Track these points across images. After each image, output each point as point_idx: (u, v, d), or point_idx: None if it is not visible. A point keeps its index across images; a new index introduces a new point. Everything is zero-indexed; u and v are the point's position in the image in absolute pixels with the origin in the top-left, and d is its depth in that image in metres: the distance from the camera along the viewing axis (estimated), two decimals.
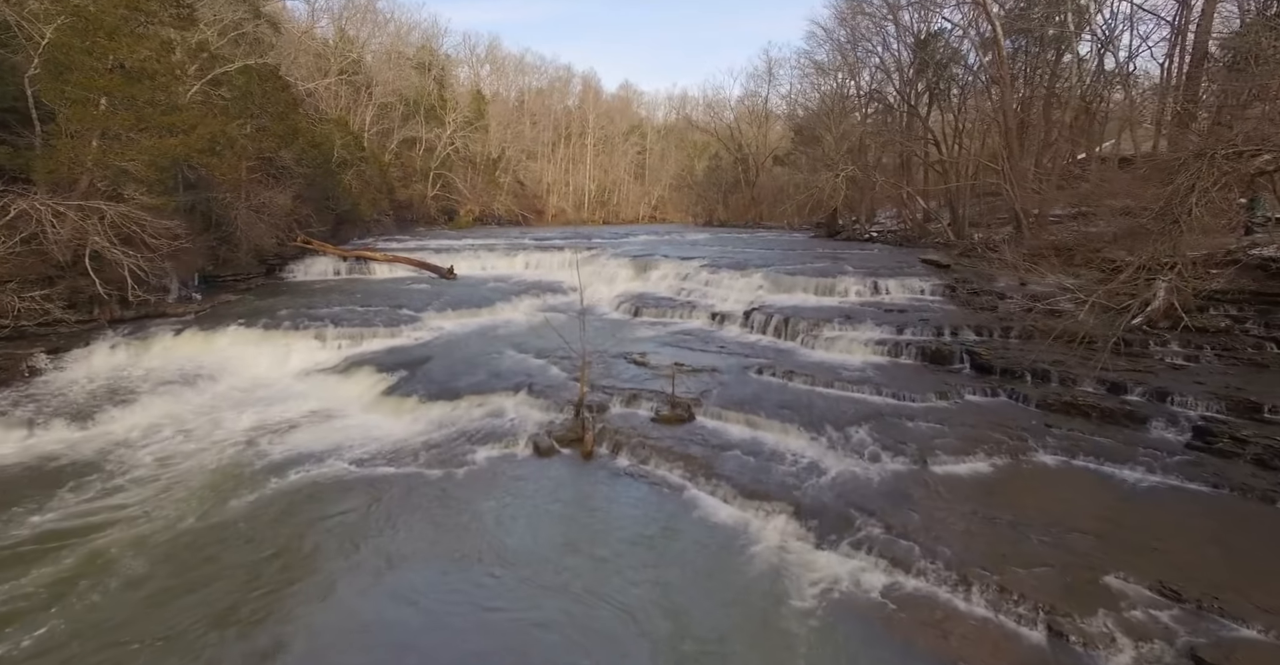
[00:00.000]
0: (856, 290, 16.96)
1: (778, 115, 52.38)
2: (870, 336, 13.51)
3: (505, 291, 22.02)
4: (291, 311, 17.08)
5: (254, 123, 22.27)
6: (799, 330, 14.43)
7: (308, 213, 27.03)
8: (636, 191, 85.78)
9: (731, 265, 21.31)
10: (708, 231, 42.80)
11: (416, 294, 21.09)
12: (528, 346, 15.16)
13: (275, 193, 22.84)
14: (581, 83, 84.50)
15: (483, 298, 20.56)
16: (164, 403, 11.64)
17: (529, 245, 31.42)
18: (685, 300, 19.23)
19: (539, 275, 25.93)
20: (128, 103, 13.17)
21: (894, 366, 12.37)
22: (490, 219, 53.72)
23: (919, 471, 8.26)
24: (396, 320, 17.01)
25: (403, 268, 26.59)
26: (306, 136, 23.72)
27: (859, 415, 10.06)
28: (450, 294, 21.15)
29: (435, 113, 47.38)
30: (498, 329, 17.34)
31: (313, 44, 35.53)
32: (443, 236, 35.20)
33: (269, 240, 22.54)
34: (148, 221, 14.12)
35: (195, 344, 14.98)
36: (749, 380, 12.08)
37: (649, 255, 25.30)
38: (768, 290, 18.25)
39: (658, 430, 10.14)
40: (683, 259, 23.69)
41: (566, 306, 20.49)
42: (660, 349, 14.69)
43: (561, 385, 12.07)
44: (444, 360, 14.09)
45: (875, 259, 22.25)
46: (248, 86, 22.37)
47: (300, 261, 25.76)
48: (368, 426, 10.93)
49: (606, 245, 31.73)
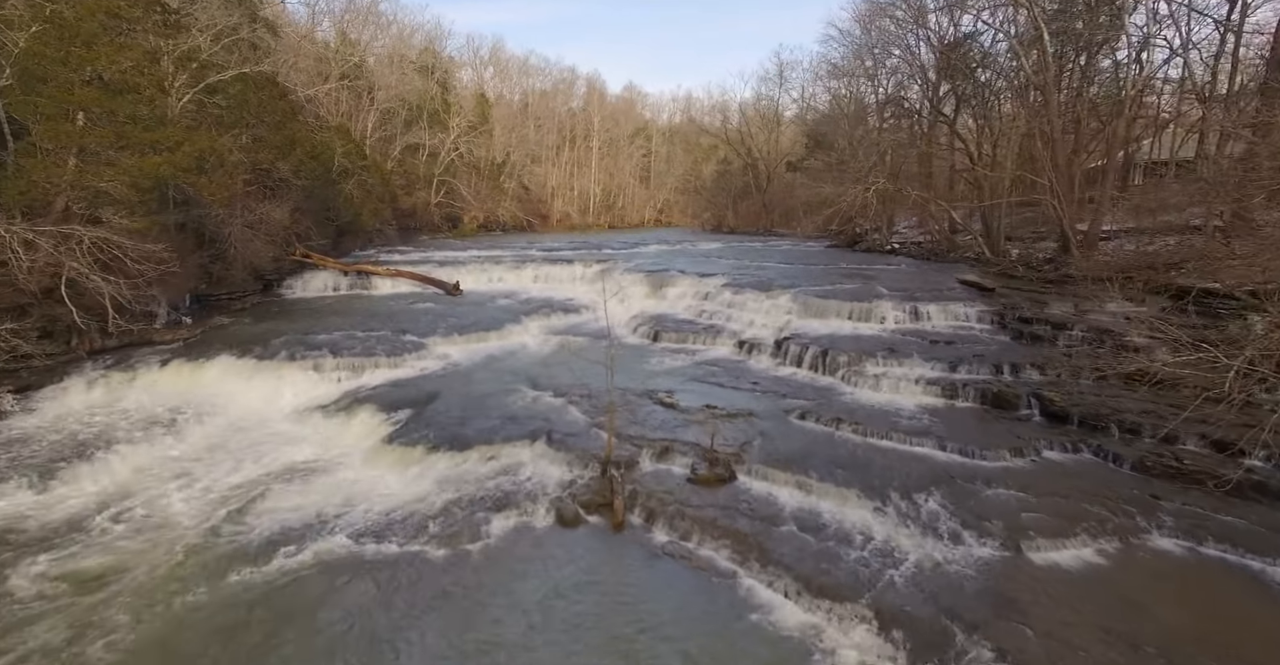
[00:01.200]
0: (895, 316, 15.72)
1: (790, 119, 51.13)
2: (920, 374, 12.29)
3: (514, 311, 20.83)
4: (286, 338, 15.91)
5: (249, 133, 21.12)
6: (839, 365, 13.21)
7: (307, 225, 25.87)
8: (642, 195, 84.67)
9: (755, 284, 20.09)
10: (719, 240, 41.55)
11: (421, 314, 19.93)
12: (542, 380, 13.96)
13: (272, 206, 21.68)
14: (586, 84, 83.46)
15: (491, 319, 19.37)
16: (140, 453, 10.45)
17: (537, 257, 30.24)
18: (708, 324, 18.01)
19: (549, 291, 24.75)
20: (107, 118, 12.02)
21: (951, 411, 11.14)
22: (495, 225, 52.57)
23: (1013, 560, 7.04)
24: (399, 348, 15.82)
25: (406, 283, 25.42)
26: (305, 146, 22.57)
27: (925, 477, 8.84)
28: (456, 314, 19.98)
29: (439, 117, 46.26)
30: (508, 357, 16.14)
31: (313, 48, 34.41)
32: (447, 247, 34.06)
33: (265, 256, 21.39)
34: (130, 246, 12.96)
35: (181, 378, 13.80)
36: (791, 428, 10.86)
37: (664, 271, 24.11)
38: (797, 315, 17.03)
39: (697, 494, 8.93)
40: (701, 276, 22.48)
41: (581, 329, 19.29)
42: (686, 385, 13.48)
43: (583, 433, 10.86)
44: (451, 398, 12.90)
45: (906, 277, 21.00)
46: (243, 95, 21.23)
47: (298, 276, 24.61)
48: (368, 484, 9.74)
49: (617, 257, 30.54)
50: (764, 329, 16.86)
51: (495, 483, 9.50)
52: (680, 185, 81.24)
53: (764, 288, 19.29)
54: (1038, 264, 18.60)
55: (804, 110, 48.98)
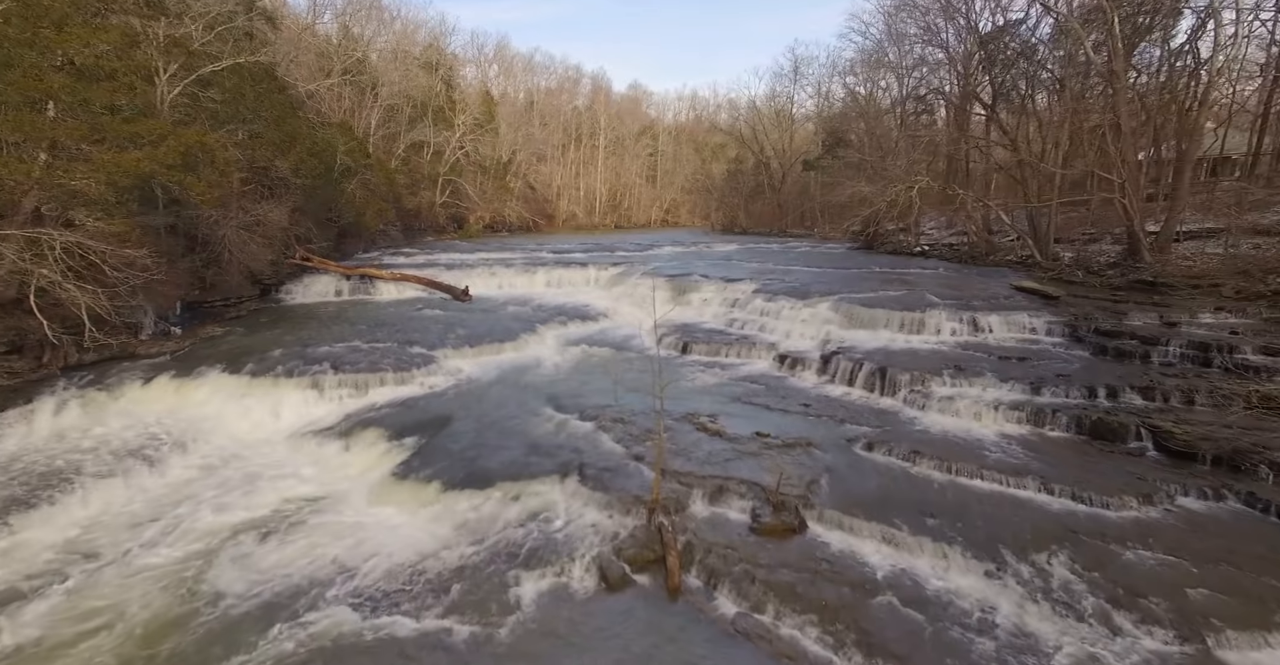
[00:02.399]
0: (951, 328, 14.28)
1: (804, 117, 49.68)
2: (998, 397, 10.84)
3: (528, 318, 19.46)
4: (284, 350, 14.55)
5: (246, 128, 19.77)
6: (900, 384, 11.78)
7: (307, 226, 24.54)
8: (648, 195, 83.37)
9: (788, 291, 18.67)
10: (733, 241, 40.15)
11: (428, 322, 18.56)
12: (566, 400, 12.57)
13: (270, 207, 20.32)
14: (591, 83, 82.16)
15: (504, 328, 18.00)
16: (109, 491, 9.08)
17: (548, 259, 28.89)
18: (741, 334, 16.59)
19: (563, 296, 23.37)
20: (81, 108, 10.65)
21: (1044, 443, 9.71)
22: (501, 226, 51.25)
23: (1201, 661, 5.57)
24: (407, 361, 14.44)
25: (412, 287, 24.06)
26: (305, 143, 21.21)
27: (1040, 531, 7.41)
28: (467, 322, 18.61)
29: (444, 114, 44.92)
30: (526, 372, 14.75)
31: (314, 42, 33.07)
32: (453, 249, 32.70)
33: (263, 260, 20.03)
34: (108, 251, 11.59)
35: (165, 397, 12.43)
36: (860, 463, 9.44)
37: (686, 275, 22.71)
38: (839, 325, 15.60)
39: (764, 548, 7.52)
40: (726, 281, 21.08)
41: (602, 339, 17.91)
42: (728, 407, 12.07)
43: (620, 466, 9.46)
44: (466, 421, 11.52)
45: (951, 283, 19.54)
46: (239, 88, 19.88)
47: (299, 281, 23.26)
48: (373, 531, 8.35)
49: (632, 260, 29.16)
50: (804, 341, 15.45)
51: (523, 531, 8.10)
52: (688, 185, 79.94)
53: (799, 295, 17.87)
54: (1100, 268, 17.14)
55: (820, 107, 47.55)
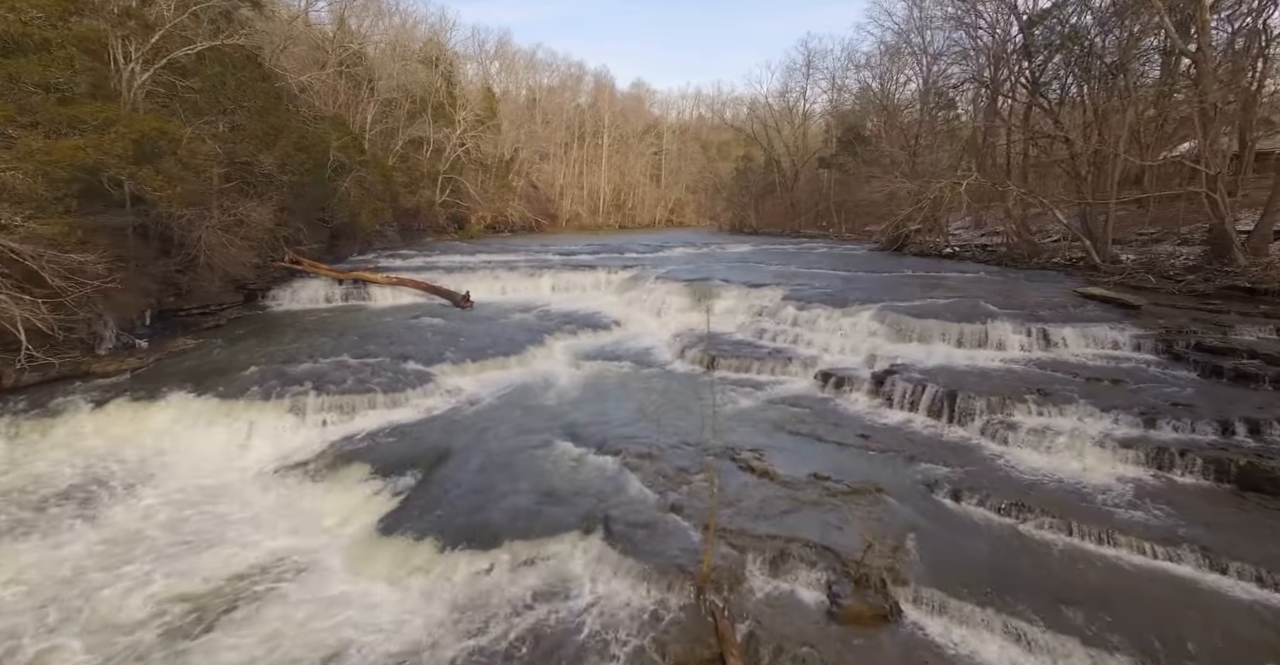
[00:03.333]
0: (1020, 342, 12.54)
1: (820, 112, 47.92)
2: (1103, 430, 9.09)
3: (534, 327, 17.77)
4: (262, 367, 12.85)
5: (227, 120, 18.09)
6: (974, 411, 10.04)
7: (296, 227, 22.88)
8: (653, 194, 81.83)
9: (821, 297, 16.94)
10: (746, 242, 38.45)
11: (426, 332, 16.88)
12: (582, 427, 10.86)
13: (254, 206, 18.64)
14: (594, 80, 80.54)
15: (509, 339, 16.30)
16: (16, 557, 7.38)
17: (554, 262, 27.20)
18: (773, 347, 14.87)
19: (571, 302, 21.67)
20: (5, 84, 8.93)
21: (1178, 494, 7.95)
22: (503, 226, 49.62)
23: None
24: (400, 379, 12.75)
25: (409, 292, 22.38)
26: (293, 137, 19.52)
27: (1236, 636, 5.67)
28: (468, 332, 16.92)
29: (444, 111, 43.23)
30: (535, 392, 13.04)
31: (307, 32, 31.39)
32: (453, 250, 31.00)
33: (246, 263, 18.36)
34: (46, 256, 9.90)
35: (117, 424, 10.74)
36: (949, 517, 7.72)
37: (705, 279, 20.98)
38: (886, 337, 13.88)
39: (850, 645, 5.81)
40: (750, 286, 19.36)
41: (617, 351, 16.20)
42: (772, 438, 10.35)
43: (653, 520, 7.75)
44: (467, 454, 9.82)
45: (1002, 289, 17.78)
46: (221, 76, 18.22)
47: (287, 285, 21.58)
48: (353, 611, 6.65)
49: (643, 262, 27.46)
50: (846, 355, 13.73)
51: (538, 615, 6.39)
52: (693, 184, 78.33)
53: (835, 302, 16.14)
54: (1176, 273, 15.39)
55: (835, 102, 45.77)
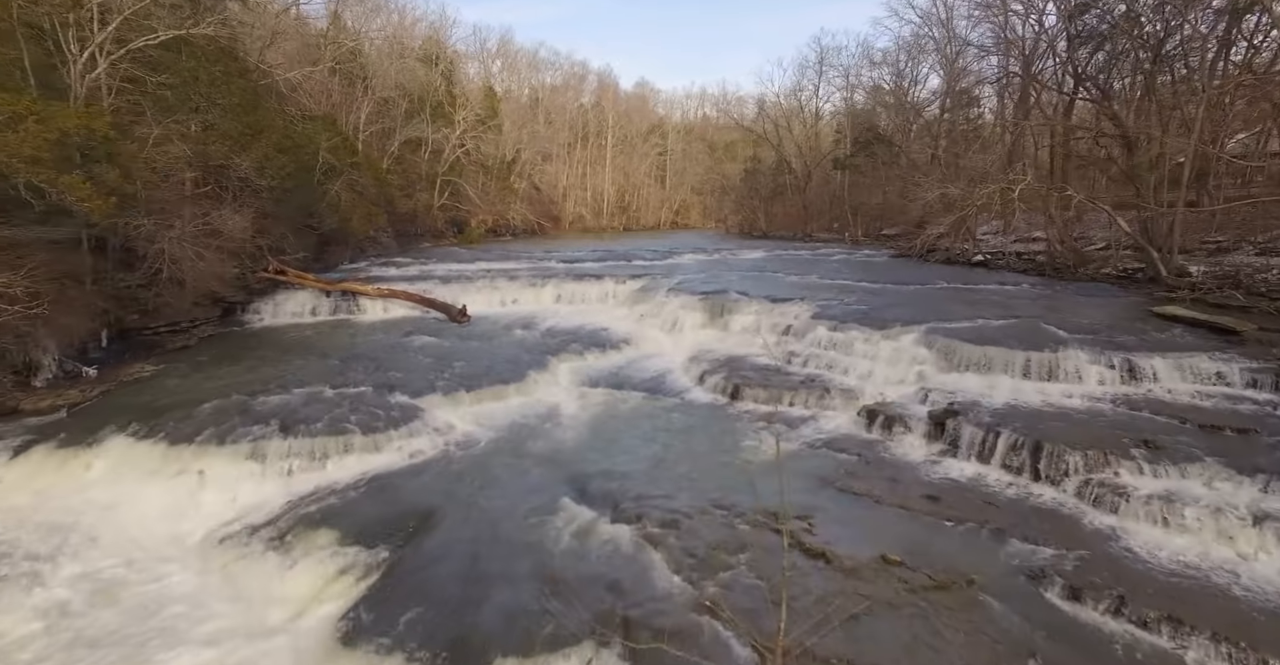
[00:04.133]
0: (1099, 374, 10.82)
1: (833, 111, 46.17)
2: (1253, 502, 7.26)
3: (536, 347, 16.14)
4: (223, 401, 11.20)
5: (199, 119, 16.48)
6: (1067, 467, 8.35)
7: (281, 234, 21.28)
8: (658, 196, 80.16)
9: (854, 315, 15.23)
10: (757, 247, 36.76)
11: (416, 353, 15.25)
12: (591, 480, 9.21)
13: (230, 213, 17.03)
14: (597, 80, 78.85)
15: (507, 361, 14.68)
16: None
17: (557, 270, 25.51)
18: (805, 374, 13.19)
19: (577, 316, 20.00)
20: None
21: None
22: (504, 229, 47.99)
23: None
24: (383, 415, 11.12)
25: (401, 304, 20.76)
26: (274, 137, 17.91)
27: None
28: (463, 353, 15.30)
29: (443, 110, 41.63)
30: (536, 430, 11.39)
31: (297, 27, 29.79)
32: (451, 257, 29.31)
33: (221, 275, 16.74)
34: None
35: (39, 477, 9.12)
36: (1072, 632, 6.03)
37: (721, 292, 19.29)
38: (937, 365, 12.21)
39: None
40: (773, 300, 17.67)
41: (626, 376, 14.56)
42: (817, 496, 8.67)
43: (685, 627, 6.09)
44: (455, 519, 8.20)
45: (1056, 305, 16.02)
46: (194, 71, 16.62)
47: (269, 298, 19.97)
48: None
49: (652, 271, 25.76)
50: (892, 386, 12.05)
51: None
52: (699, 185, 76.69)
53: (872, 321, 14.44)
54: (1272, 289, 13.63)
55: (849, 101, 44.03)
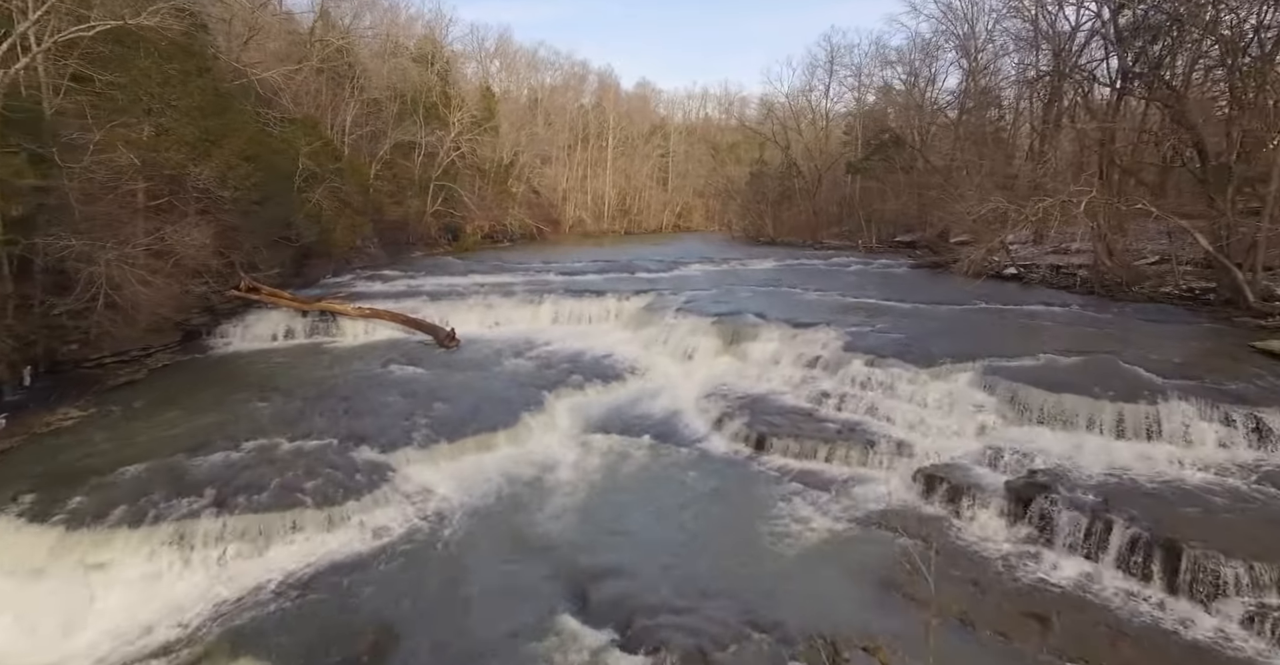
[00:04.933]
0: (1216, 435, 8.88)
1: (845, 113, 44.28)
2: None
3: (531, 379, 14.32)
4: (151, 463, 9.35)
5: (151, 122, 14.65)
6: (1224, 585, 6.45)
7: (254, 247, 19.43)
8: (659, 199, 78.31)
9: (893, 346, 13.32)
10: (768, 255, 34.83)
11: (394, 388, 13.43)
12: (599, 584, 7.37)
13: (189, 228, 15.19)
14: (598, 80, 76.98)
15: (498, 398, 12.86)
16: None
17: (555, 285, 23.66)
18: (840, 420, 11.31)
19: (576, 339, 18.15)
20: None
21: None
22: (501, 235, 46.12)
23: None
24: (342, 478, 9.30)
25: (384, 325, 18.92)
26: (238, 143, 16.07)
27: None
28: (447, 388, 13.48)
29: (437, 112, 39.75)
30: (528, 499, 9.53)
31: (280, 24, 27.97)
32: (443, 269, 27.42)
33: (175, 298, 14.90)
34: None
35: None
36: None
37: (736, 314, 17.40)
38: (1001, 414, 10.35)
39: None
40: (795, 325, 15.77)
41: (633, 417, 12.75)
42: (881, 611, 6.81)
43: None
44: (421, 640, 6.35)
45: (1125, 336, 14.00)
46: (146, 69, 14.80)
47: (240, 319, 18.17)
48: None
49: (658, 283, 23.92)
50: (949, 439, 10.18)
51: None
52: (702, 188, 74.86)
53: (915, 355, 12.55)
54: None
55: (861, 101, 42.14)
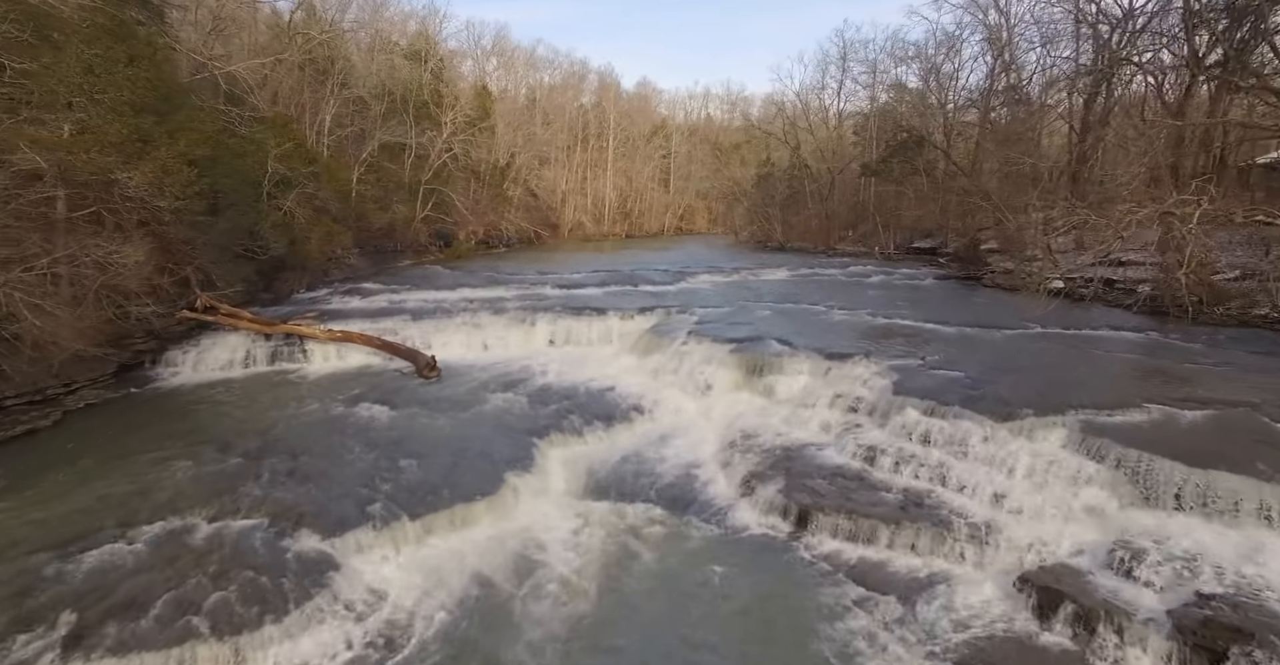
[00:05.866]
0: None
1: (855, 112, 42.03)
2: None
3: (521, 422, 12.14)
4: (5, 565, 7.12)
5: (71, 118, 12.42)
6: None
7: (211, 261, 17.23)
8: (662, 201, 76.13)
9: (952, 388, 11.05)
10: (780, 264, 32.61)
11: (357, 437, 11.21)
12: None
13: (118, 243, 13.00)
14: (598, 79, 74.69)
15: (480, 449, 10.66)
16: None
17: (552, 298, 21.49)
18: (899, 487, 9.07)
19: (574, 368, 15.94)
20: None
21: None
22: (497, 241, 43.92)
23: None
24: (267, 583, 7.11)
25: (357, 350, 16.74)
26: (179, 144, 13.83)
27: None
28: (419, 436, 11.27)
29: (428, 111, 37.53)
30: (510, 608, 7.31)
31: (259, 15, 25.74)
32: (430, 281, 25.17)
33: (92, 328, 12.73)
34: None
35: None
36: None
37: (757, 340, 15.14)
38: (1115, 490, 8.14)
39: None
40: (828, 356, 13.53)
41: (642, 472, 10.54)
42: None
43: None
44: None
45: (1239, 373, 11.76)
46: (69, 55, 12.59)
47: (194, 344, 16.04)
48: None
49: (664, 298, 21.69)
50: (1046, 523, 7.98)
51: None
52: (705, 189, 72.67)
53: (984, 401, 10.29)
54: None
55: (875, 99, 39.89)
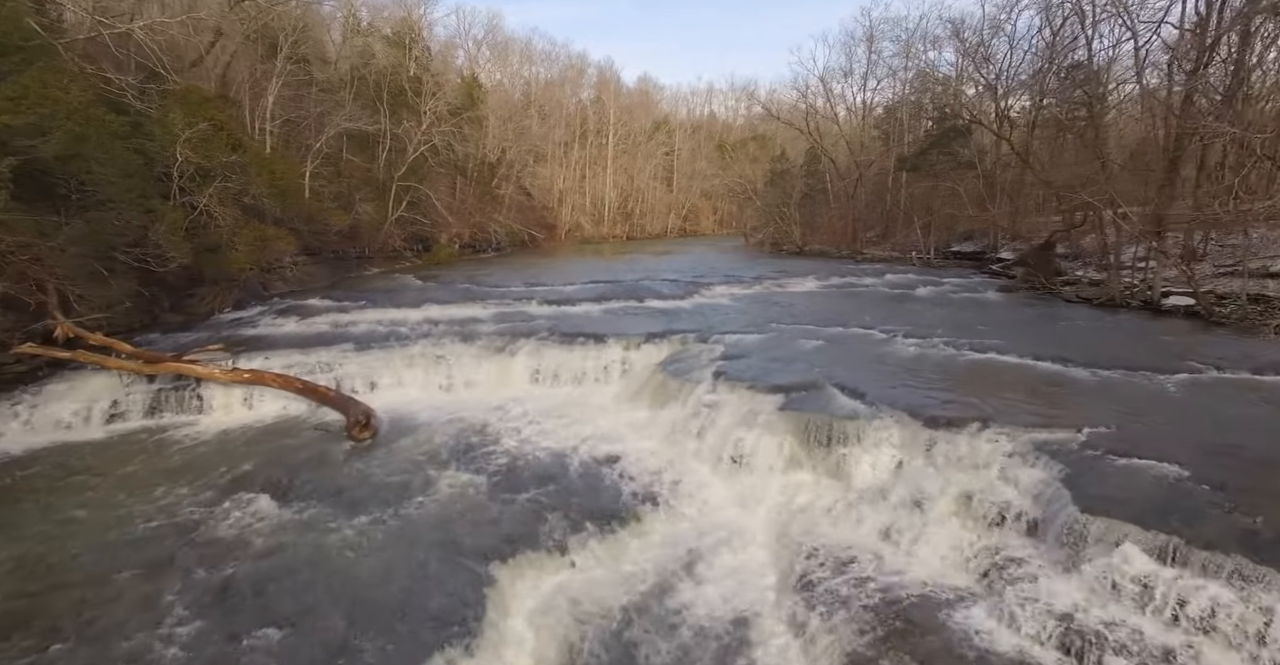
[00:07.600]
0: None
1: (881, 102, 37.77)
2: None
3: (475, 527, 7.86)
4: None
5: None
6: None
7: (85, 276, 12.93)
8: (664, 200, 71.88)
9: (1187, 503, 6.79)
10: (805, 272, 28.27)
11: (213, 569, 6.90)
12: None
13: None
14: (598, 74, 70.36)
15: (403, 587, 6.37)
16: None
17: (538, 318, 17.20)
18: None
19: (562, 421, 11.67)
20: None
21: None
22: (485, 245, 39.59)
23: None
24: None
25: (274, 393, 12.48)
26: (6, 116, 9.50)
27: None
28: (311, 557, 6.92)
29: (406, 98, 33.28)
30: None
31: None
32: (390, 299, 20.67)
33: None
34: None
35: None
36: None
37: (813, 389, 10.80)
38: None
39: None
40: (925, 420, 9.22)
41: (659, 632, 6.19)
42: None
43: None
44: None
45: None
46: None
47: (37, 390, 11.74)
48: None
49: (677, 319, 17.35)
50: None
51: None
52: (710, 188, 68.47)
53: (1238, 534, 6.02)
54: None
55: (907, 85, 35.60)
